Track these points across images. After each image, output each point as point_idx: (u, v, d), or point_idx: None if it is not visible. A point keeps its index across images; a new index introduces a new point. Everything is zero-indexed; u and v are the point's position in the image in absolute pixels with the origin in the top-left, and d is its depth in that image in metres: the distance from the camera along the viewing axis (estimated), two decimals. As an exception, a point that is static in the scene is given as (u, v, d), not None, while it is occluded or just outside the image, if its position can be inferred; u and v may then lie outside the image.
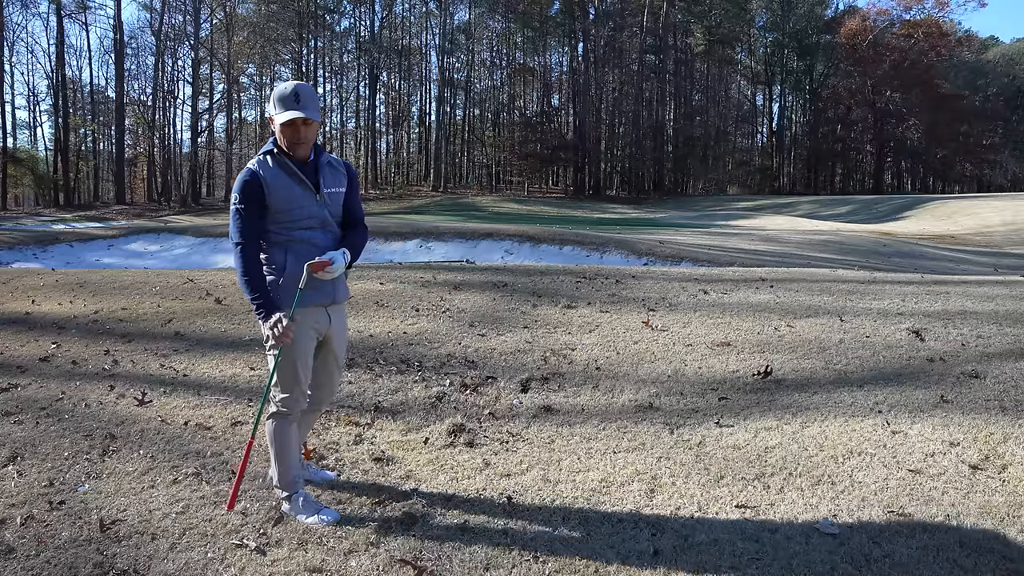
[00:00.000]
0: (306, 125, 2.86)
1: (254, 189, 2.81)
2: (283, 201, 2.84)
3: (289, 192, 2.86)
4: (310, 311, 2.94)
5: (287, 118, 2.79)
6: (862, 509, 3.00)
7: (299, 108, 2.80)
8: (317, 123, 2.90)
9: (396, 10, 62.12)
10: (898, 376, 4.59)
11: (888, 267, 13.43)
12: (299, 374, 2.95)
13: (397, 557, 2.67)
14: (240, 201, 2.81)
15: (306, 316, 2.91)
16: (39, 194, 52.87)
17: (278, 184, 2.84)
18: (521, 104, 67.47)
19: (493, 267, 8.96)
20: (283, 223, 2.87)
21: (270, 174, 2.84)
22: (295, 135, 2.86)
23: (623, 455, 3.58)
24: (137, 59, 54.61)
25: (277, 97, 2.84)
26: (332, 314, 3.03)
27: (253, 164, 2.87)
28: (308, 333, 2.94)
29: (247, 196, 2.81)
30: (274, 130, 2.89)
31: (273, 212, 2.83)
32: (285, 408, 2.98)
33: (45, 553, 2.69)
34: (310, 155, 2.95)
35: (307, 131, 2.87)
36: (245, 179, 2.82)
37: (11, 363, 5.01)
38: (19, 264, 15.37)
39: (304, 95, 2.82)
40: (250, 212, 2.81)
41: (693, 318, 6.11)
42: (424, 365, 4.91)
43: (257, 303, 2.81)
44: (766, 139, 71.97)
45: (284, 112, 2.81)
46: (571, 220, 33.47)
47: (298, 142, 2.87)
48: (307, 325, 2.92)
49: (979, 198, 37.98)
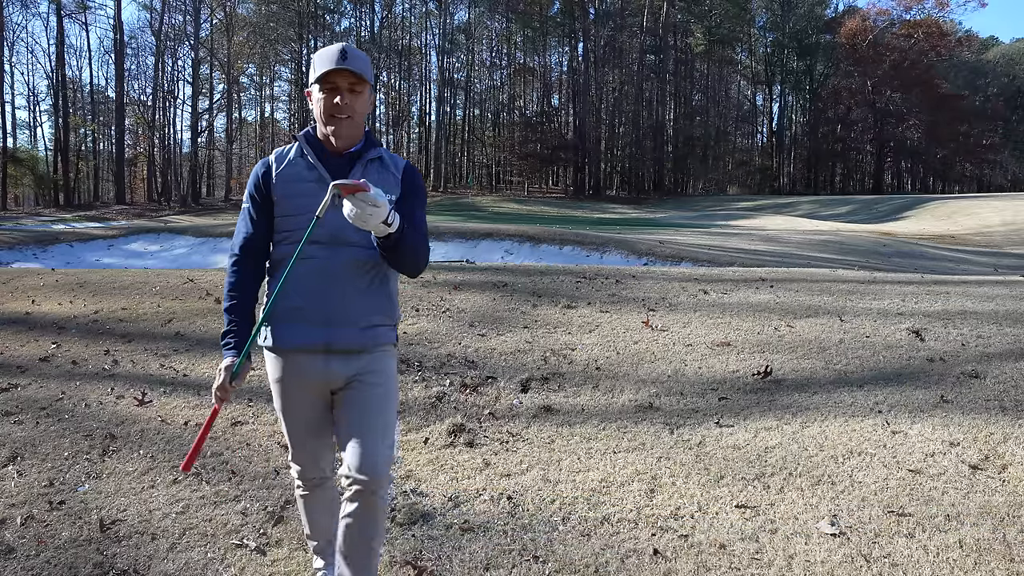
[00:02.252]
0: (353, 91, 2.06)
1: (259, 178, 2.15)
2: (290, 190, 2.11)
3: (298, 187, 2.10)
4: (293, 358, 2.12)
5: (327, 71, 2.02)
6: (862, 509, 3.00)
7: (346, 63, 2.02)
8: (369, 91, 2.11)
9: (396, 10, 62.18)
10: (898, 376, 4.59)
11: (888, 267, 13.43)
12: (292, 436, 2.24)
13: (397, 557, 2.67)
14: (246, 196, 2.18)
15: (289, 363, 2.13)
16: (39, 194, 52.88)
17: (288, 174, 2.12)
18: (521, 104, 67.49)
19: (493, 267, 8.96)
20: (282, 232, 2.12)
21: (286, 161, 2.15)
22: (335, 103, 2.04)
23: (623, 455, 3.58)
24: (137, 59, 54.69)
25: (318, 56, 2.08)
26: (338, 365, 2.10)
27: (274, 153, 2.24)
28: (295, 385, 2.14)
29: (251, 187, 2.16)
30: (311, 107, 2.15)
31: (277, 214, 2.14)
32: (297, 478, 2.33)
33: (45, 553, 2.69)
34: (358, 145, 2.16)
35: (354, 100, 2.06)
36: (255, 169, 2.20)
37: (11, 363, 5.01)
38: (19, 264, 15.37)
39: (352, 53, 2.05)
40: (254, 208, 2.15)
41: (693, 318, 6.11)
42: (424, 365, 4.91)
43: (225, 338, 2.13)
44: (766, 139, 72.00)
45: (324, 69, 2.03)
46: (571, 220, 33.47)
47: (339, 113, 2.05)
48: (290, 374, 2.14)
49: (979, 198, 37.99)
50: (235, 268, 2.15)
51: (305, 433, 2.19)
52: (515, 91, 66.47)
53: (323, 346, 2.07)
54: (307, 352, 2.08)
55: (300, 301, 2.07)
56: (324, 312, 2.06)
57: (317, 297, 2.06)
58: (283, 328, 2.09)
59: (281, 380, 2.14)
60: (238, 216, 2.24)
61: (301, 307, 2.07)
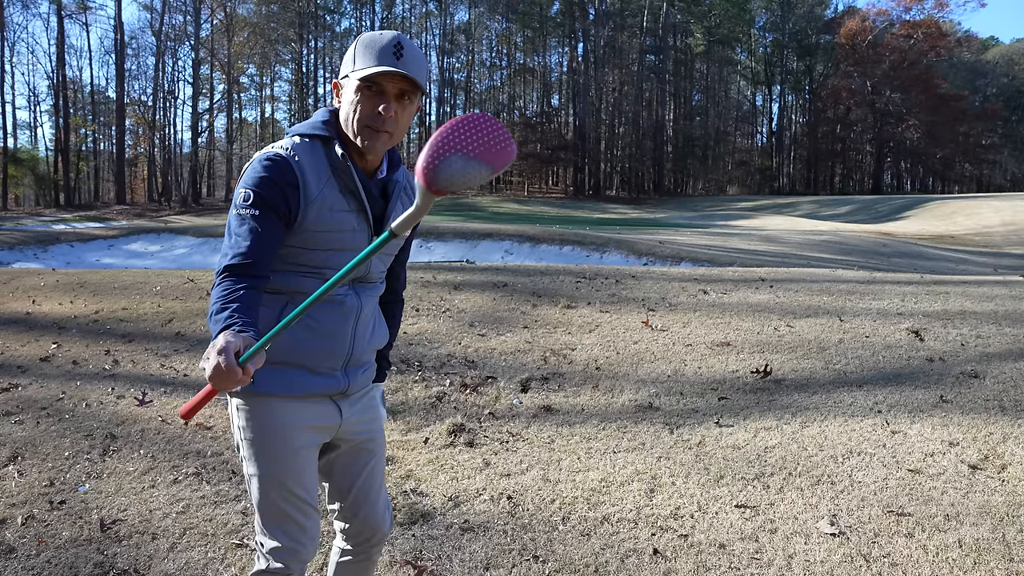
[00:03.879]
0: (402, 100, 1.61)
1: (285, 185, 1.56)
2: (323, 225, 1.61)
3: (336, 214, 1.63)
4: (302, 405, 1.71)
5: (375, 72, 1.55)
6: (862, 509, 3.00)
7: (400, 64, 1.56)
8: (419, 101, 1.68)
9: (396, 10, 62.22)
10: (897, 376, 4.59)
11: (888, 267, 13.44)
12: (287, 502, 1.70)
13: (397, 557, 2.68)
14: (254, 203, 1.54)
15: (297, 412, 1.71)
16: (39, 194, 52.91)
17: (324, 195, 1.61)
18: (521, 104, 67.58)
19: (493, 267, 8.96)
20: (301, 264, 1.65)
21: (314, 173, 1.61)
22: (377, 112, 1.58)
23: (623, 455, 3.59)
24: (137, 59, 54.70)
25: (364, 45, 1.58)
26: (344, 407, 1.78)
27: (283, 148, 1.60)
28: (302, 436, 1.71)
29: (269, 194, 1.54)
30: (338, 100, 1.66)
31: (293, 244, 1.62)
32: (279, 563, 1.71)
33: (46, 553, 2.69)
34: (382, 164, 1.73)
35: (401, 112, 1.61)
36: (269, 167, 1.56)
37: (12, 363, 5.01)
38: (20, 264, 15.37)
39: (409, 50, 1.58)
40: (268, 221, 1.54)
41: (693, 318, 6.12)
42: (424, 365, 4.92)
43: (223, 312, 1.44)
44: (766, 139, 72.09)
45: (371, 67, 1.55)
46: (571, 220, 33.48)
47: (379, 127, 1.59)
48: (297, 424, 1.70)
49: (978, 198, 38.00)
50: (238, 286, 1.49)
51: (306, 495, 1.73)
52: (515, 91, 66.52)
53: (341, 389, 1.76)
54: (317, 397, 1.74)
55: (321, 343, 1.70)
56: (346, 354, 1.75)
57: (340, 340, 1.73)
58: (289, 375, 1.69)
59: (285, 429, 1.70)
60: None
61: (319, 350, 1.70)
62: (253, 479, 1.72)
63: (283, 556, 1.71)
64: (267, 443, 1.70)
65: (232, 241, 1.54)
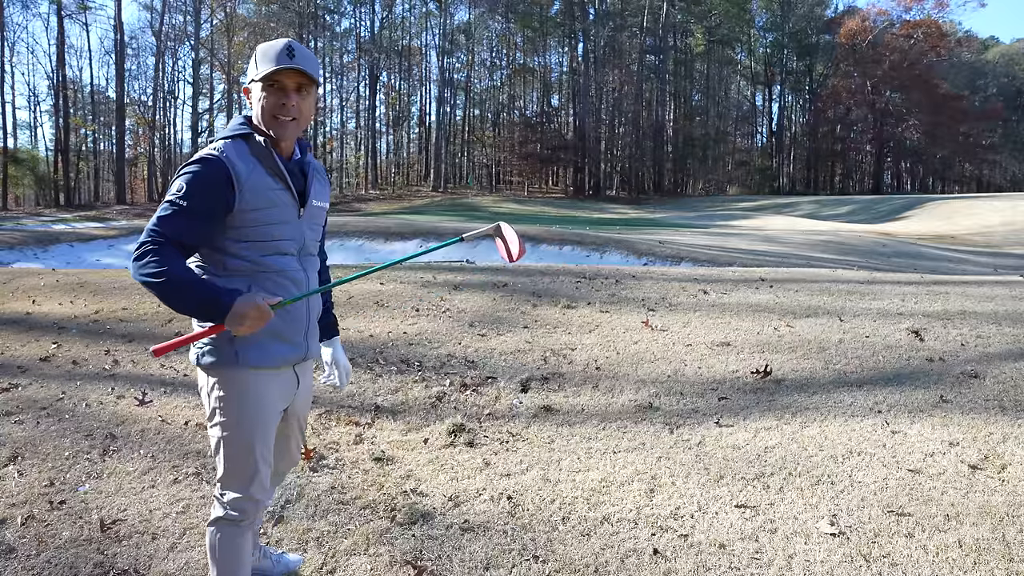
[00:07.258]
0: (301, 92, 1.97)
1: (218, 180, 1.88)
2: (261, 208, 1.96)
3: (270, 196, 1.97)
4: (275, 375, 2.07)
5: (273, 70, 1.91)
6: (862, 509, 3.00)
7: (294, 62, 1.92)
8: (316, 92, 2.03)
9: (396, 10, 62.19)
10: (897, 376, 4.59)
11: (888, 267, 13.43)
12: (258, 461, 2.05)
13: (397, 557, 2.68)
14: (187, 194, 1.85)
15: (271, 381, 2.06)
16: (39, 194, 52.87)
17: (255, 182, 1.94)
18: (521, 104, 67.56)
19: (493, 267, 8.96)
20: (253, 242, 1.97)
21: (244, 166, 1.93)
22: (282, 104, 1.94)
23: (623, 455, 3.59)
24: (137, 59, 54.72)
25: (262, 53, 1.95)
26: (301, 375, 2.19)
27: (215, 148, 1.93)
28: (275, 403, 2.09)
29: (204, 188, 1.86)
30: (250, 103, 2.01)
31: (239, 224, 1.94)
32: (236, 513, 2.07)
33: (46, 553, 2.69)
34: (295, 150, 2.08)
35: (301, 102, 1.97)
36: (203, 164, 1.89)
37: (11, 363, 5.01)
38: (20, 264, 15.37)
39: (300, 51, 1.95)
40: (198, 213, 1.86)
41: (693, 318, 6.12)
42: (424, 365, 4.92)
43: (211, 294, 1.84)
44: (766, 139, 72.05)
45: (270, 68, 1.92)
46: (571, 220, 33.47)
47: (285, 115, 1.95)
48: (273, 393, 2.07)
49: (978, 198, 38.01)
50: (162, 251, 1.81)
51: (268, 455, 2.11)
52: (515, 91, 66.50)
53: (302, 357, 2.16)
54: (286, 367, 2.12)
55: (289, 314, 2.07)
56: (305, 321, 2.15)
57: (300, 309, 2.12)
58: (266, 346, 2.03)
59: (262, 398, 2.04)
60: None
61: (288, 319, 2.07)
62: (226, 441, 2.04)
63: (245, 505, 2.07)
64: (247, 412, 2.04)
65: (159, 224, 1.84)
